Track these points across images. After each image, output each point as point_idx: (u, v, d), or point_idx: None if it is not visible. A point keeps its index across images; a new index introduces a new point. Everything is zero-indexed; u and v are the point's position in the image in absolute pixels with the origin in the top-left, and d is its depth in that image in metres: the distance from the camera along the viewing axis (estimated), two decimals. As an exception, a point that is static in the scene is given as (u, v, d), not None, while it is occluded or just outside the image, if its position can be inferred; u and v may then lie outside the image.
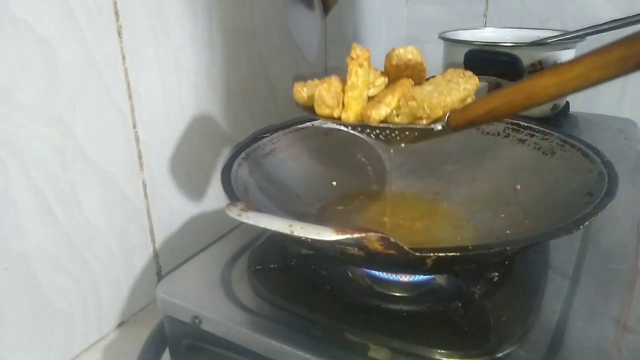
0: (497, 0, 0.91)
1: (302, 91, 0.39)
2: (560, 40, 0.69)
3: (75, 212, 0.42)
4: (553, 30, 0.73)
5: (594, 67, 0.26)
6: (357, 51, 0.35)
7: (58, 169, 0.40)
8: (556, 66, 0.28)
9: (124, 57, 0.44)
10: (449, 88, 0.35)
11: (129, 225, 0.48)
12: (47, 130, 0.39)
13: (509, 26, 0.83)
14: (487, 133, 0.52)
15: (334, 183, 0.51)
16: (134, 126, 0.46)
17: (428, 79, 0.38)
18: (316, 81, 0.39)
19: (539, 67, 0.70)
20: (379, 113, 0.35)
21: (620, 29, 0.62)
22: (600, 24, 0.64)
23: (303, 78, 0.40)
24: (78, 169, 0.42)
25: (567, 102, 0.79)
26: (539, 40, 0.71)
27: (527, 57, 0.69)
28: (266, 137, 0.49)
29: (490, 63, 0.66)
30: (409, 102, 0.34)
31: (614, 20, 0.62)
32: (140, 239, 0.49)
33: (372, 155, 0.55)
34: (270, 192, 0.45)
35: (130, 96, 0.45)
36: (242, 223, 0.29)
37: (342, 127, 0.38)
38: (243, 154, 0.45)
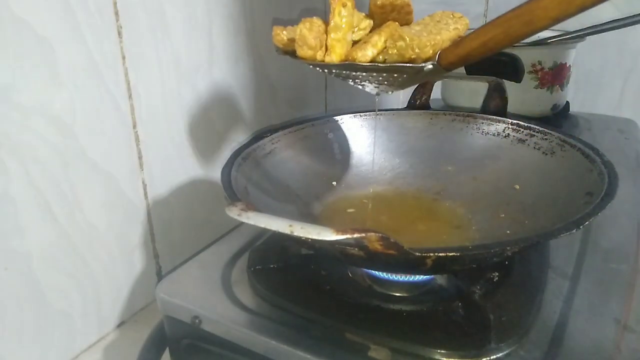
0: (497, 1, 0.91)
1: (281, 34, 0.37)
2: (560, 40, 0.69)
3: (75, 212, 0.42)
4: (553, 30, 0.73)
5: None
6: None
7: (58, 169, 0.40)
8: None
9: (124, 57, 0.44)
10: (439, 28, 0.33)
11: (129, 225, 0.48)
12: (47, 130, 0.39)
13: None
14: (487, 133, 0.52)
15: (334, 183, 0.51)
16: (134, 126, 0.46)
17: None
18: (295, 28, 0.37)
19: (539, 67, 0.70)
20: (365, 54, 0.33)
21: (620, 29, 0.62)
22: (600, 24, 0.64)
23: (283, 23, 0.38)
24: (78, 169, 0.42)
25: (567, 102, 0.79)
26: (539, 40, 0.71)
27: (527, 57, 0.69)
28: (266, 137, 0.49)
29: (490, 63, 0.66)
30: (397, 43, 0.32)
31: (614, 20, 0.62)
32: (140, 239, 0.49)
33: (371, 155, 0.55)
34: (270, 192, 0.45)
35: (130, 96, 0.45)
36: (242, 223, 0.29)
37: (326, 71, 0.36)
38: (243, 154, 0.45)
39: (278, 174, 0.48)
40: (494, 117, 0.53)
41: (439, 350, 0.32)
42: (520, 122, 0.50)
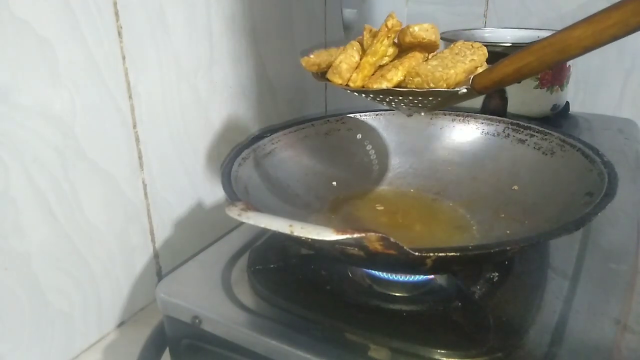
0: (497, 0, 0.91)
1: (311, 60, 0.40)
2: (560, 40, 0.69)
3: (75, 212, 0.42)
4: (553, 30, 0.73)
5: (634, 13, 0.25)
6: (393, 21, 0.36)
7: (58, 169, 0.40)
8: (590, 16, 0.27)
9: (124, 57, 0.44)
10: (455, 61, 0.35)
11: (129, 225, 0.48)
12: (47, 130, 0.39)
13: (509, 26, 0.83)
14: (487, 133, 0.52)
15: (334, 183, 0.51)
16: (134, 126, 0.46)
17: (436, 54, 0.38)
18: (323, 52, 0.40)
19: (539, 67, 0.70)
20: (379, 87, 0.36)
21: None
22: (600, 24, 0.64)
23: (307, 53, 0.40)
24: (78, 169, 0.42)
25: (567, 102, 0.79)
26: (539, 40, 0.71)
27: (527, 57, 0.69)
28: (266, 137, 0.49)
29: (490, 63, 0.66)
30: (414, 79, 0.35)
31: (614, 20, 0.62)
32: (140, 239, 0.49)
33: (371, 155, 0.55)
34: (271, 192, 0.45)
35: (130, 96, 0.45)
36: (242, 223, 0.29)
37: (364, 95, 0.39)
38: (243, 154, 0.45)
39: (278, 174, 0.48)
40: (494, 117, 0.53)
41: (439, 350, 0.32)
42: (520, 122, 0.50)
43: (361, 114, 0.56)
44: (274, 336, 0.35)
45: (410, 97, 0.36)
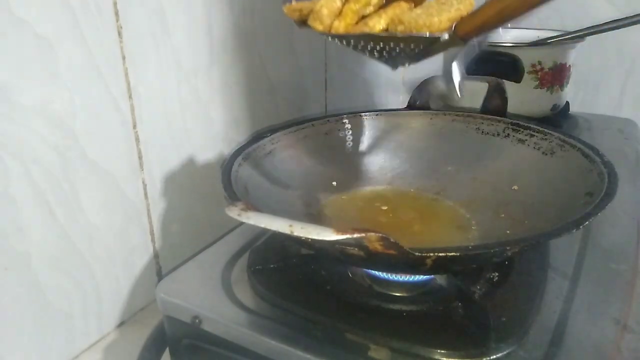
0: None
1: (292, 6, 0.39)
2: (560, 40, 0.69)
3: (75, 212, 0.42)
4: (553, 30, 0.73)
5: None
6: None
7: (58, 169, 0.40)
8: None
9: (124, 57, 0.44)
10: (440, 10, 0.35)
11: (129, 225, 0.48)
12: (47, 130, 0.39)
13: (508, 26, 0.83)
14: (487, 133, 0.52)
15: (334, 183, 0.51)
16: (134, 126, 0.46)
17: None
18: (307, 3, 0.39)
19: (539, 67, 0.70)
20: (362, 32, 0.35)
21: (620, 29, 0.62)
22: (600, 24, 0.64)
23: (289, 1, 0.39)
24: (78, 169, 0.42)
25: (567, 102, 0.79)
26: (538, 40, 0.71)
27: (527, 57, 0.69)
28: (266, 137, 0.49)
29: (490, 63, 0.66)
30: (397, 27, 0.35)
31: (614, 20, 0.62)
32: (140, 239, 0.49)
33: (371, 155, 0.55)
34: (271, 192, 0.45)
35: (130, 96, 0.45)
36: (242, 223, 0.29)
37: (344, 42, 0.37)
38: (243, 154, 0.45)
39: (278, 174, 0.48)
40: (494, 117, 0.53)
41: (439, 350, 0.32)
42: (520, 122, 0.50)
43: (361, 113, 0.56)
44: (274, 336, 0.35)
45: (392, 44, 0.36)
